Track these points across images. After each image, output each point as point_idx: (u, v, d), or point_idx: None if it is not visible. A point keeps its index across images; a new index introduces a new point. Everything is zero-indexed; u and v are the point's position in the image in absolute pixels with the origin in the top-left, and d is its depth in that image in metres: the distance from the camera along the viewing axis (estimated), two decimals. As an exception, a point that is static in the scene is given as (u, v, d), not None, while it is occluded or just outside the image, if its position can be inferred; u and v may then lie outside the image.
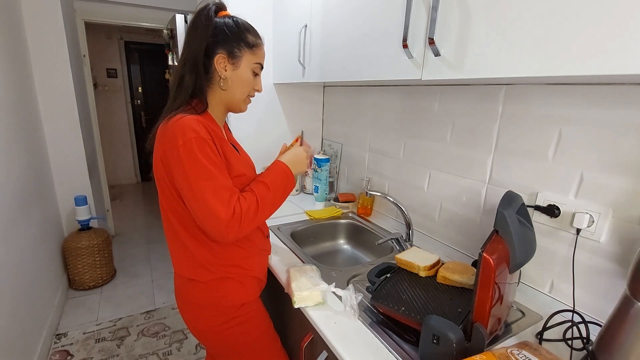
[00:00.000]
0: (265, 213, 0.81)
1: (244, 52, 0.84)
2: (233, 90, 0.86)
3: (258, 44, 0.86)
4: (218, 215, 0.73)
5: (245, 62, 0.85)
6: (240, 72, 0.85)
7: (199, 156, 0.73)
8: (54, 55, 2.27)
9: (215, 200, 0.73)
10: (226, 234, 0.74)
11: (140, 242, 3.16)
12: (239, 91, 0.87)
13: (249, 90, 0.89)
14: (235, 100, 0.88)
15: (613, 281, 0.78)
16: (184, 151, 0.73)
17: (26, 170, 1.86)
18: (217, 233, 0.75)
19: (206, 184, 0.73)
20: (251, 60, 0.85)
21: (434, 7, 0.75)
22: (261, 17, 1.57)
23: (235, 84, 0.85)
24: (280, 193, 0.85)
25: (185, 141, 0.73)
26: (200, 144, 0.73)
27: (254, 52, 0.85)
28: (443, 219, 1.20)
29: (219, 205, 0.73)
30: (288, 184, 0.87)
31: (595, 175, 0.79)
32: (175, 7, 3.00)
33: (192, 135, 0.73)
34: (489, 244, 0.67)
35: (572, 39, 0.56)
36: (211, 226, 0.74)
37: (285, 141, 1.78)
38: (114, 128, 4.69)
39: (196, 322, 0.92)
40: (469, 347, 0.65)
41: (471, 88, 1.04)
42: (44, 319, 1.85)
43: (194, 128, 0.74)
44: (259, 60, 0.87)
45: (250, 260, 0.92)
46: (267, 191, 0.82)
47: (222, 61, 0.83)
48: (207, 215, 0.73)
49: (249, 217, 0.76)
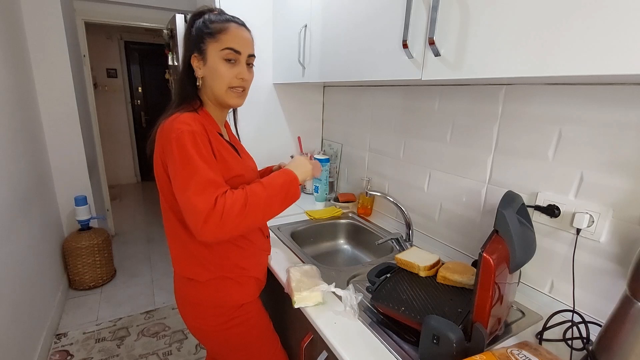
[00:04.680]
0: (255, 213, 0.74)
1: (207, 43, 0.80)
2: (210, 86, 0.84)
3: (223, 28, 0.80)
4: (196, 207, 0.69)
5: (211, 53, 0.81)
6: (210, 64, 0.81)
7: (188, 147, 0.73)
8: (54, 55, 2.27)
9: (197, 192, 0.70)
10: (203, 228, 0.69)
11: (140, 241, 3.16)
12: (215, 85, 0.83)
13: (229, 81, 0.82)
14: (218, 94, 0.84)
15: (613, 281, 0.78)
16: (176, 143, 0.73)
17: (26, 170, 1.86)
18: (194, 226, 0.70)
19: (190, 176, 0.71)
20: (216, 48, 0.80)
21: (434, 7, 0.75)
22: (261, 17, 1.56)
23: (208, 79, 0.83)
24: (279, 195, 0.78)
25: (178, 134, 0.74)
26: (191, 137, 0.74)
27: (217, 39, 0.80)
28: (443, 219, 1.20)
29: (199, 197, 0.70)
30: (290, 187, 0.81)
31: (595, 175, 0.79)
32: (175, 7, 3.00)
33: (184, 127, 0.74)
34: (489, 244, 0.67)
35: (572, 39, 0.56)
36: (190, 219, 0.71)
37: (284, 141, 1.78)
38: (114, 128, 4.69)
39: (195, 321, 0.92)
40: (469, 347, 0.65)
41: (471, 88, 1.04)
42: (44, 319, 1.85)
43: (187, 122, 0.76)
44: (227, 45, 0.80)
45: (249, 261, 0.92)
46: (261, 190, 0.76)
47: (195, 61, 0.83)
48: (187, 207, 0.71)
49: (233, 213, 0.70)
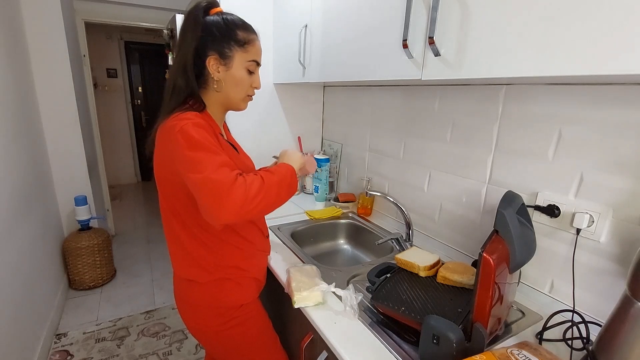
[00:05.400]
0: (270, 196, 0.74)
1: (234, 51, 0.81)
2: (227, 91, 0.84)
3: (250, 40, 0.83)
4: (218, 180, 0.67)
5: (237, 61, 0.82)
6: (234, 72, 0.82)
7: (194, 135, 0.71)
8: (54, 55, 2.27)
9: (214, 170, 0.69)
10: (226, 202, 0.67)
11: (140, 241, 3.16)
12: (233, 91, 0.84)
13: (247, 89, 0.86)
14: (234, 101, 0.86)
15: (613, 281, 0.78)
16: (181, 135, 0.71)
17: (26, 170, 1.86)
18: (215, 202, 0.67)
19: (203, 158, 0.70)
20: (244, 58, 0.82)
21: (434, 7, 0.75)
22: (261, 17, 1.56)
23: (229, 84, 0.83)
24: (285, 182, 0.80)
25: (182, 126, 0.72)
26: (196, 127, 0.73)
27: (246, 49, 0.82)
28: (443, 219, 1.20)
29: (218, 173, 0.68)
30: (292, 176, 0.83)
31: (595, 175, 0.79)
32: (175, 7, 3.00)
33: (187, 121, 0.73)
34: (489, 244, 0.67)
35: (572, 39, 0.56)
36: (210, 196, 0.68)
37: (284, 141, 1.78)
38: (114, 128, 4.69)
39: (195, 322, 0.92)
40: (469, 347, 0.65)
41: (471, 88, 1.04)
42: (44, 319, 1.85)
43: (189, 117, 0.74)
44: (253, 57, 0.84)
45: (249, 262, 0.92)
46: (270, 174, 0.77)
47: (214, 63, 0.81)
48: (207, 184, 0.68)
49: (253, 190, 0.70)
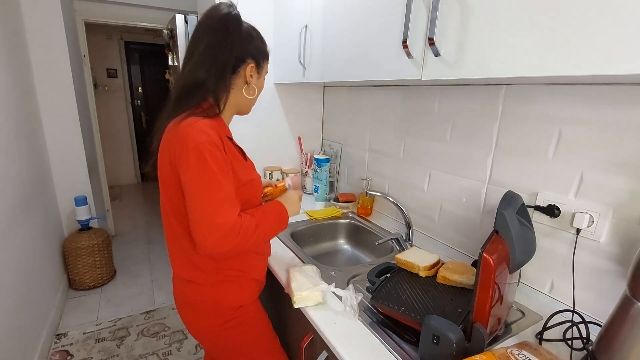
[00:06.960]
0: (259, 237, 0.80)
1: (264, 63, 0.90)
2: (254, 98, 0.91)
3: (268, 53, 0.92)
4: (217, 223, 0.72)
5: (263, 72, 0.91)
6: (261, 82, 0.91)
7: (209, 162, 0.72)
8: (54, 55, 2.27)
9: (219, 209, 0.72)
10: (221, 242, 0.72)
11: (140, 242, 3.16)
12: (255, 98, 0.92)
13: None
14: (249, 106, 0.93)
15: (613, 281, 0.78)
16: (194, 154, 0.72)
17: (26, 171, 1.86)
18: (206, 238, 0.72)
19: (212, 193, 0.72)
20: (266, 69, 0.92)
21: (434, 7, 0.75)
22: (262, 17, 1.56)
23: (256, 92, 0.90)
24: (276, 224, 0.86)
25: (198, 144, 0.72)
26: (212, 149, 0.73)
27: (267, 61, 0.92)
28: (443, 219, 1.20)
29: (221, 213, 0.72)
30: (282, 220, 0.88)
31: (595, 175, 0.79)
32: (175, 7, 3.00)
33: (204, 139, 0.73)
34: (489, 244, 0.67)
35: (572, 39, 0.56)
36: (202, 231, 0.72)
37: (284, 141, 1.78)
38: (114, 128, 4.69)
39: (194, 322, 0.92)
40: (469, 347, 0.66)
41: (471, 88, 1.04)
42: (44, 319, 1.85)
43: (207, 132, 0.74)
44: (267, 69, 0.94)
45: (249, 264, 0.92)
46: (265, 217, 0.83)
47: (250, 70, 0.85)
48: (203, 219, 0.72)
49: (248, 233, 0.76)
